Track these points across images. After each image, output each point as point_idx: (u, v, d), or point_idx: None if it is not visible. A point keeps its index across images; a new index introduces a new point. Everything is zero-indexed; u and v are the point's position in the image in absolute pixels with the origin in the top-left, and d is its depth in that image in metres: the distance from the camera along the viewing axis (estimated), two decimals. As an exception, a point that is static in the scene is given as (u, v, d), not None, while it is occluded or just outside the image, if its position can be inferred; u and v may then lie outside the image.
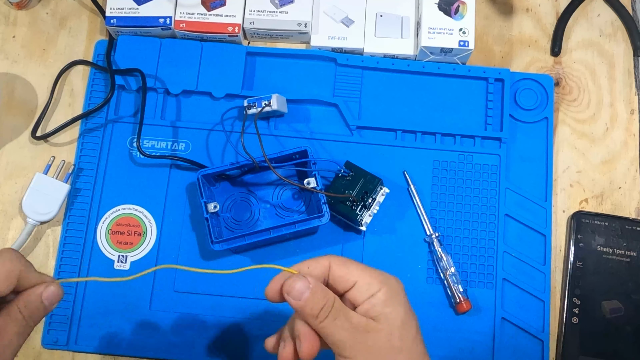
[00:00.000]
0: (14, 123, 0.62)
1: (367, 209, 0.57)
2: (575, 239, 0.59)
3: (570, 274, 0.58)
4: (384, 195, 0.58)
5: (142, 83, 0.60)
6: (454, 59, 0.63)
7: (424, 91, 0.63)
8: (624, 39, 0.66)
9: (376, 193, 0.57)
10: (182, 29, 0.62)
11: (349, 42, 0.62)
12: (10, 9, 0.65)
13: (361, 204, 0.56)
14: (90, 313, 0.57)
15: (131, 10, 0.61)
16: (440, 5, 0.61)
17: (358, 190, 0.56)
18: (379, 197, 0.58)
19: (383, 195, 0.58)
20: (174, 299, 0.57)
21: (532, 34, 0.66)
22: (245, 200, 0.59)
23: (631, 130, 0.63)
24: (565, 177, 0.62)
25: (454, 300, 0.57)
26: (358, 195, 0.56)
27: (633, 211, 0.61)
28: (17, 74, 0.63)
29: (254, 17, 0.62)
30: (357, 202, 0.56)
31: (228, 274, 0.57)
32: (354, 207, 0.56)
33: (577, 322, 0.57)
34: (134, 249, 0.58)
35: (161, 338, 0.56)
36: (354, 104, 0.62)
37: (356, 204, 0.56)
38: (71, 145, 0.61)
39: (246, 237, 0.54)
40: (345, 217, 0.57)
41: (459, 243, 0.59)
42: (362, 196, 0.56)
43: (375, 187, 0.57)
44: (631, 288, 0.58)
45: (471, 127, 0.62)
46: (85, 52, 0.64)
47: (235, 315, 0.57)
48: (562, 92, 0.64)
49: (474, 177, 0.60)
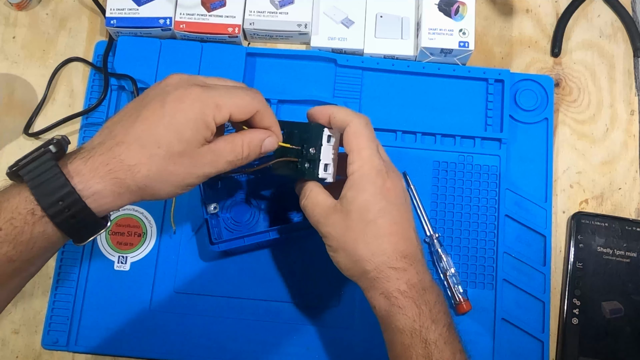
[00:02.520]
0: (14, 124, 0.62)
1: (315, 160, 0.47)
2: (575, 239, 0.59)
3: (570, 275, 0.58)
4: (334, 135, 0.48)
5: (134, 89, 0.60)
6: (454, 59, 0.63)
7: (424, 92, 0.63)
8: (624, 40, 0.66)
9: (318, 139, 0.47)
10: (182, 29, 0.62)
11: (349, 42, 0.62)
12: (11, 10, 0.65)
13: (306, 159, 0.47)
14: (90, 314, 0.57)
15: (131, 11, 0.61)
16: (440, 6, 0.61)
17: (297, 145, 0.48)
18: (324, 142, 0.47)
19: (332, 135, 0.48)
20: (174, 300, 0.57)
21: (532, 35, 0.66)
22: (245, 201, 0.59)
23: (631, 131, 0.63)
24: (565, 177, 0.62)
25: (454, 301, 0.57)
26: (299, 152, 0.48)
27: (633, 212, 0.61)
28: (17, 75, 0.63)
29: (254, 17, 0.62)
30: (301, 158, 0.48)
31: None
32: (299, 165, 0.48)
33: (577, 322, 0.57)
34: (134, 249, 0.58)
35: (161, 339, 0.56)
36: (354, 104, 0.62)
37: (301, 161, 0.48)
38: (71, 145, 0.61)
39: (246, 238, 0.54)
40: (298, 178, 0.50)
41: (459, 244, 0.59)
42: (302, 151, 0.48)
43: (310, 134, 0.48)
44: (631, 289, 0.58)
45: (471, 128, 0.62)
46: (85, 52, 0.64)
47: (235, 316, 0.57)
48: (562, 93, 0.64)
49: (474, 178, 0.60)
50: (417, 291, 0.43)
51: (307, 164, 0.48)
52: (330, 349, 0.56)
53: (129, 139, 0.39)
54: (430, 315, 0.43)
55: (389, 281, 0.43)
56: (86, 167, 0.38)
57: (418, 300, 0.43)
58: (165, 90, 0.42)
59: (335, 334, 0.57)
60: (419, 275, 0.44)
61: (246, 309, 0.57)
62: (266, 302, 0.57)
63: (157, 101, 0.41)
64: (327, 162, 0.48)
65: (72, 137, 0.62)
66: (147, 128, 0.40)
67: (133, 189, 0.39)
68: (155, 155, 0.39)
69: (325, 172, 0.48)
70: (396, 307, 0.43)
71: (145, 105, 0.41)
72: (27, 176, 0.37)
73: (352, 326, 0.57)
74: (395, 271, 0.43)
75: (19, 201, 0.37)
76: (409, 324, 0.43)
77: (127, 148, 0.39)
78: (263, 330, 0.57)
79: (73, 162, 0.39)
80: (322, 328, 0.57)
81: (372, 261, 0.44)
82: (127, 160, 0.39)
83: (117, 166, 0.39)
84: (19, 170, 0.38)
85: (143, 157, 0.39)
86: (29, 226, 0.37)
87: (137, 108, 0.41)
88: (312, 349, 0.56)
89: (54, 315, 0.57)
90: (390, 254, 0.44)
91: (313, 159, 0.47)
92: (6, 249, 0.37)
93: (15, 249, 0.37)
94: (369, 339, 0.56)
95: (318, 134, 0.47)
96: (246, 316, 0.57)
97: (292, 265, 0.58)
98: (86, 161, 0.38)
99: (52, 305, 0.57)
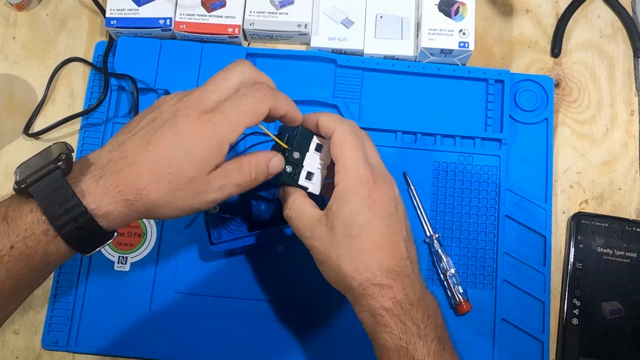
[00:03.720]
0: (14, 124, 0.62)
1: (297, 166, 0.47)
2: (575, 240, 0.59)
3: (570, 275, 0.58)
4: (324, 144, 0.48)
5: (134, 89, 0.60)
6: (454, 60, 0.63)
7: (424, 92, 0.63)
8: (624, 40, 0.66)
9: (304, 145, 0.47)
10: (182, 30, 0.62)
11: (349, 43, 0.62)
12: (11, 10, 0.65)
13: (288, 162, 0.46)
14: (90, 314, 0.57)
15: (131, 11, 0.61)
16: (440, 6, 0.61)
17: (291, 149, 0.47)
18: (311, 149, 0.47)
19: (323, 144, 0.48)
20: (174, 300, 0.57)
21: (532, 35, 0.66)
22: (244, 201, 0.59)
23: (631, 132, 0.63)
24: (565, 178, 0.62)
25: (454, 302, 0.57)
26: (285, 153, 0.47)
27: (633, 212, 0.61)
28: (17, 75, 0.63)
29: (254, 18, 0.62)
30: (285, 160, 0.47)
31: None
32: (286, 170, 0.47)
33: (577, 323, 0.57)
34: (134, 250, 0.58)
35: (161, 339, 0.56)
36: (354, 105, 0.62)
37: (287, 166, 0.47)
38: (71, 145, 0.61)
39: (245, 238, 0.54)
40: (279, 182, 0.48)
41: (459, 244, 0.59)
42: (285, 152, 0.47)
43: (302, 140, 0.47)
44: (631, 289, 0.58)
45: (471, 129, 0.62)
46: (85, 53, 0.64)
47: (235, 316, 0.57)
48: (562, 93, 0.64)
49: (474, 178, 0.60)
50: (403, 307, 0.42)
51: (289, 167, 0.46)
52: (331, 349, 0.56)
53: (141, 163, 0.40)
54: (417, 332, 0.42)
55: (374, 298, 0.42)
56: (97, 187, 0.39)
57: (404, 317, 0.42)
58: (177, 113, 0.41)
59: (336, 334, 0.57)
60: (406, 290, 0.43)
61: (246, 309, 0.57)
62: (266, 303, 0.57)
63: (170, 127, 0.41)
64: (311, 171, 0.47)
65: (72, 137, 0.62)
66: (159, 154, 0.40)
67: (141, 210, 0.40)
68: (165, 181, 0.40)
69: (308, 181, 0.47)
70: (382, 324, 0.42)
71: (157, 129, 0.41)
72: (39, 195, 0.38)
73: (352, 326, 0.57)
74: (380, 288, 0.42)
75: (32, 221, 0.38)
76: (395, 342, 0.42)
77: (138, 172, 0.39)
78: (263, 330, 0.57)
79: (84, 180, 0.39)
80: (322, 328, 0.57)
81: (356, 278, 0.43)
82: (137, 184, 0.39)
83: (127, 188, 0.39)
84: (29, 187, 0.38)
85: (153, 182, 0.40)
86: (42, 245, 0.38)
87: (149, 130, 0.41)
88: (312, 349, 0.56)
89: (54, 315, 0.57)
90: (375, 270, 0.42)
91: (296, 164, 0.47)
92: (19, 266, 0.38)
93: (28, 266, 0.38)
94: (369, 339, 0.56)
95: (308, 140, 0.47)
96: (246, 316, 0.57)
97: (293, 265, 0.58)
98: (97, 180, 0.39)
99: (52, 306, 0.57)
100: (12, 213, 0.38)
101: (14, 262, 0.37)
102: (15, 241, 0.37)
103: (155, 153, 0.40)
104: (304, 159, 0.47)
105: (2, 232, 0.37)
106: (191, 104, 0.42)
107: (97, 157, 0.41)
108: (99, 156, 0.41)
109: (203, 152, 0.41)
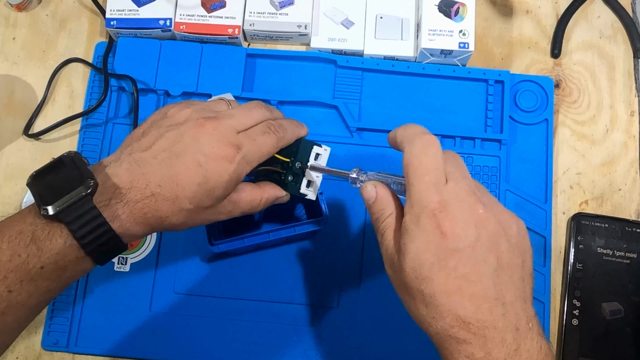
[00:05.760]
0: (14, 125, 0.62)
1: (299, 175, 0.48)
2: (575, 240, 0.59)
3: (570, 276, 0.58)
4: (322, 154, 0.49)
5: (134, 90, 0.60)
6: (454, 60, 0.63)
7: (424, 93, 0.63)
8: (624, 41, 0.66)
9: (305, 155, 0.48)
10: (182, 30, 0.62)
11: (349, 43, 0.62)
12: (10, 11, 0.65)
13: (291, 172, 0.48)
14: (90, 315, 0.57)
15: (131, 12, 0.61)
16: (440, 7, 0.61)
17: (288, 157, 0.48)
18: (311, 159, 0.48)
19: (321, 154, 0.49)
20: (174, 301, 0.57)
21: (532, 36, 0.66)
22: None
23: (631, 132, 0.63)
24: (565, 178, 0.62)
25: (454, 302, 0.57)
26: (286, 164, 0.48)
27: (633, 213, 0.61)
28: (17, 76, 0.63)
29: (254, 18, 0.62)
30: (286, 170, 0.49)
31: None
32: (283, 177, 0.49)
33: (577, 323, 0.57)
34: (134, 250, 0.58)
35: (161, 339, 0.56)
36: (354, 105, 0.62)
37: (285, 173, 0.49)
38: (71, 145, 0.61)
39: (245, 239, 0.54)
40: None
41: (459, 245, 0.59)
42: (289, 163, 0.48)
43: (304, 150, 0.48)
44: (631, 290, 0.58)
45: (471, 129, 0.62)
46: (85, 53, 0.64)
47: (235, 317, 0.57)
48: (562, 94, 0.64)
49: (474, 179, 0.60)
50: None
51: (290, 177, 0.48)
52: (331, 350, 0.56)
53: (165, 197, 0.41)
54: None
55: (451, 353, 0.37)
56: (124, 213, 0.40)
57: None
58: (200, 141, 0.43)
59: (336, 334, 0.57)
60: (487, 347, 0.36)
61: (246, 309, 0.57)
62: (266, 303, 0.57)
63: (193, 159, 0.42)
64: (311, 180, 0.49)
65: (72, 137, 0.62)
66: (184, 189, 0.42)
67: (157, 229, 0.43)
68: (185, 210, 0.42)
69: (308, 189, 0.49)
70: None
71: (179, 156, 0.42)
72: (70, 222, 0.38)
73: (353, 327, 0.57)
74: (456, 342, 0.36)
75: (63, 244, 0.39)
76: None
77: (161, 202, 0.41)
78: (263, 331, 0.57)
79: (111, 205, 0.40)
80: (322, 329, 0.57)
81: (433, 326, 0.37)
82: (160, 213, 0.41)
83: (151, 215, 0.41)
84: (59, 214, 0.38)
85: (174, 214, 0.42)
86: (71, 265, 0.39)
87: (171, 156, 0.42)
88: (312, 349, 0.56)
89: (54, 316, 0.57)
90: (449, 321, 0.36)
91: (297, 174, 0.48)
92: (47, 283, 0.39)
93: (56, 283, 0.40)
94: (370, 339, 0.56)
95: (308, 150, 0.48)
96: (246, 317, 0.57)
97: (292, 266, 0.58)
98: (124, 205, 0.40)
99: (52, 307, 0.57)
100: (40, 234, 0.38)
101: (43, 280, 0.39)
102: (45, 262, 0.38)
103: (180, 188, 0.42)
104: (305, 169, 0.48)
105: (32, 254, 0.38)
106: (217, 132, 0.43)
107: (117, 176, 0.41)
108: (118, 176, 0.41)
109: (223, 190, 0.43)
